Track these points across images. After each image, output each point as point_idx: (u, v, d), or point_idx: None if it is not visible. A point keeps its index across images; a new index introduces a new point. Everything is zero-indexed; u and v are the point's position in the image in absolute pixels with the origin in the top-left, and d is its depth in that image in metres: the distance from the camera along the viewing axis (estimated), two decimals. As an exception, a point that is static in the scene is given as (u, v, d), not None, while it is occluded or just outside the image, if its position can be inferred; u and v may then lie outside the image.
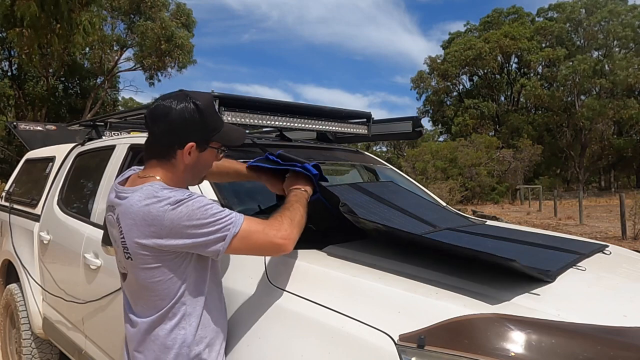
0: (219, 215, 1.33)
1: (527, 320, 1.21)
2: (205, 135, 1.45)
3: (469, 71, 43.67)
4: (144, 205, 1.32)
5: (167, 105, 1.40)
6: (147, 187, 1.36)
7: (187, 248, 1.34)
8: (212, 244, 1.33)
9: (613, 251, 2.09)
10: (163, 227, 1.30)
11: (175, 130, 1.40)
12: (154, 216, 1.30)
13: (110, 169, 2.72)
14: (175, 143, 1.42)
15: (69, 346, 2.81)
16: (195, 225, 1.31)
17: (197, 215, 1.31)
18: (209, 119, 1.45)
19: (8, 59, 25.26)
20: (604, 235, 11.62)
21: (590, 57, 36.08)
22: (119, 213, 1.38)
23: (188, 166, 1.45)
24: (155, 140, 1.45)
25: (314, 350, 1.32)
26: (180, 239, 1.31)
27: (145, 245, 1.33)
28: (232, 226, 1.34)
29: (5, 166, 24.70)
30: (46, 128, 4.77)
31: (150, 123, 1.44)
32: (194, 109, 1.40)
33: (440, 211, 2.48)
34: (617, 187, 42.59)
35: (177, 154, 1.42)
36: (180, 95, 1.43)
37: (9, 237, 3.64)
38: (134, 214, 1.33)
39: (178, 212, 1.30)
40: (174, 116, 1.39)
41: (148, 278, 1.37)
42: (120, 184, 1.48)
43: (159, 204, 1.31)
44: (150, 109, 1.44)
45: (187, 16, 27.42)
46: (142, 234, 1.32)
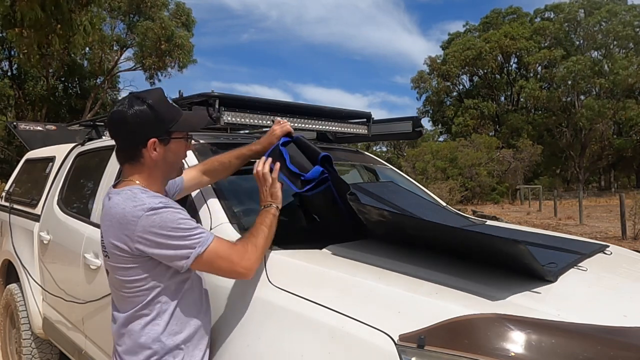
0: (188, 232, 1.39)
1: (527, 320, 1.21)
2: (163, 127, 1.50)
3: (469, 71, 43.68)
4: (121, 208, 1.39)
5: (121, 111, 1.47)
6: (127, 191, 1.44)
7: (154, 256, 1.39)
8: (177, 259, 1.39)
9: (613, 251, 2.09)
10: (134, 232, 1.36)
11: (135, 132, 1.47)
12: (127, 220, 1.37)
13: (110, 169, 2.72)
14: (138, 143, 1.48)
15: (69, 346, 2.81)
16: (164, 235, 1.36)
17: (168, 227, 1.36)
18: (163, 112, 1.50)
19: (8, 59, 25.26)
20: (604, 235, 11.62)
21: (588, 57, 36.07)
22: (103, 214, 1.48)
23: (158, 162, 1.51)
24: (121, 146, 1.53)
25: (314, 350, 1.32)
26: (148, 246, 1.37)
27: (119, 247, 1.40)
28: (198, 245, 1.39)
29: (5, 166, 24.70)
30: (46, 128, 4.76)
31: (112, 131, 1.55)
32: (145, 108, 1.47)
33: (440, 211, 2.49)
34: (617, 187, 42.60)
35: (144, 153, 1.49)
36: (131, 98, 1.50)
37: (9, 237, 3.64)
38: (112, 216, 1.42)
39: (151, 220, 1.36)
40: (129, 120, 1.46)
41: (123, 276, 1.44)
42: (113, 187, 1.55)
43: (135, 208, 1.38)
44: (108, 118, 1.53)
45: (187, 16, 27.43)
46: (116, 235, 1.40)
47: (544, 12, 42.22)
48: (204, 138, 2.37)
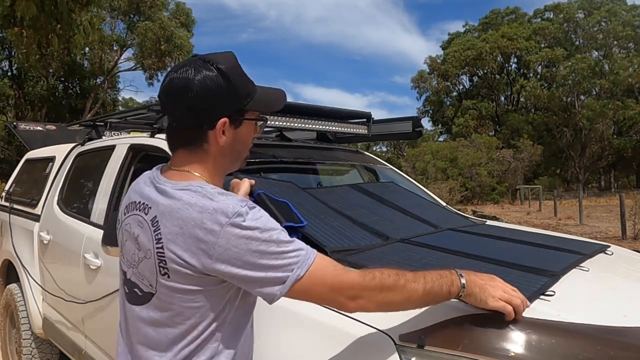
0: (285, 247, 1.03)
1: (527, 320, 1.21)
2: (238, 104, 1.14)
3: (469, 71, 43.70)
4: (197, 211, 1.02)
5: (184, 77, 1.09)
6: (195, 187, 1.07)
7: (236, 280, 1.04)
8: (268, 283, 1.02)
9: (614, 251, 2.09)
10: (216, 246, 1.00)
11: (201, 107, 1.09)
12: (207, 230, 1.00)
13: (110, 169, 2.72)
14: (203, 123, 1.11)
15: (69, 346, 2.81)
16: (255, 252, 1.01)
17: (260, 239, 1.01)
18: (239, 84, 1.13)
19: (8, 58, 25.27)
20: (604, 235, 11.62)
21: (589, 57, 36.10)
22: (158, 214, 1.07)
23: (224, 149, 1.15)
24: (179, 125, 1.13)
25: (314, 351, 1.31)
26: (232, 266, 1.01)
27: (189, 262, 1.02)
28: (297, 266, 1.03)
29: (5, 166, 24.71)
30: (46, 128, 4.76)
31: (167, 103, 1.13)
32: (217, 74, 1.10)
33: (440, 211, 2.48)
34: (617, 187, 42.60)
35: (209, 137, 1.12)
36: (196, 61, 1.11)
37: (9, 237, 3.64)
38: (183, 221, 1.02)
39: (237, 231, 1.00)
40: (196, 89, 1.08)
41: (184, 302, 1.06)
42: (161, 174, 1.17)
43: (216, 213, 1.01)
44: (164, 86, 1.13)
45: (187, 15, 27.46)
46: (188, 247, 1.02)
47: (543, 13, 42.27)
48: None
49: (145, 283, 1.10)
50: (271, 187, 1.95)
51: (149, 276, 1.08)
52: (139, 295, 1.12)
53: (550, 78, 38.52)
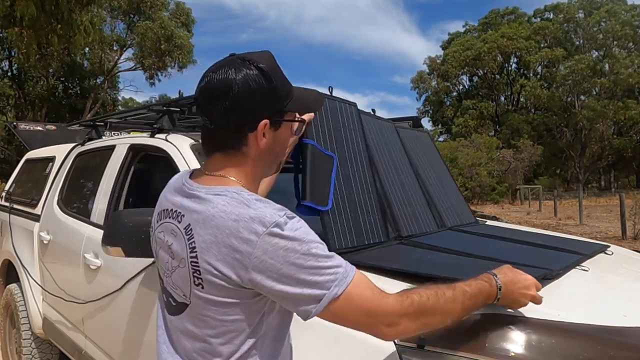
0: (324, 262, 0.97)
1: (527, 320, 1.21)
2: (279, 105, 1.09)
3: (469, 71, 43.72)
4: (232, 219, 0.97)
5: (224, 77, 1.03)
6: (231, 193, 1.01)
7: (271, 294, 0.98)
8: (304, 301, 0.97)
9: (614, 251, 2.09)
10: (251, 257, 0.95)
11: (242, 108, 1.04)
12: (244, 239, 0.95)
13: (110, 169, 2.72)
14: (244, 124, 1.05)
15: (69, 346, 2.81)
16: (293, 265, 0.95)
17: (299, 251, 0.95)
18: (279, 84, 1.08)
19: (8, 58, 25.28)
20: (604, 235, 11.62)
21: (589, 57, 36.14)
22: (191, 222, 1.02)
23: (264, 152, 1.09)
24: (217, 126, 1.06)
25: (316, 351, 1.31)
26: (268, 279, 0.95)
27: (223, 273, 0.97)
28: (335, 284, 0.96)
29: (5, 166, 24.72)
30: (46, 128, 4.76)
31: (205, 104, 1.06)
32: (259, 74, 1.05)
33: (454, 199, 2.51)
34: (617, 187, 42.61)
35: (249, 139, 1.06)
36: (235, 60, 1.06)
37: (9, 237, 3.64)
38: (218, 229, 0.97)
39: (275, 242, 0.95)
40: (237, 89, 1.02)
41: (219, 315, 1.01)
42: (191, 178, 1.12)
43: (252, 223, 0.96)
44: (201, 87, 1.07)
45: (187, 15, 27.47)
46: (222, 257, 0.97)
47: (543, 13, 42.30)
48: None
49: (179, 293, 1.06)
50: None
51: (183, 286, 1.04)
52: (173, 305, 1.09)
53: (550, 78, 38.54)
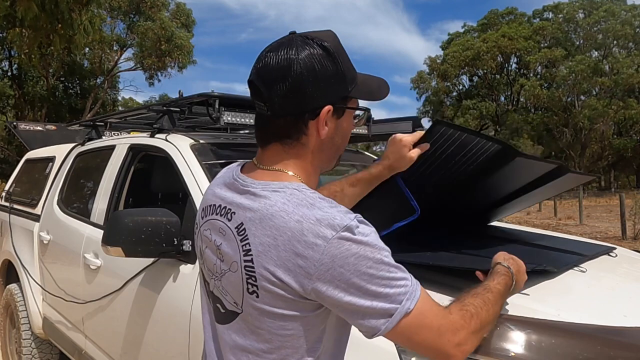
0: (394, 272, 0.86)
1: (527, 320, 1.21)
2: (343, 91, 0.96)
3: (469, 71, 43.75)
4: (295, 220, 0.84)
5: (285, 57, 0.90)
6: (294, 191, 0.89)
7: (337, 306, 0.86)
8: (373, 315, 0.85)
9: (617, 253, 2.07)
10: (317, 264, 0.82)
11: (304, 91, 0.90)
12: (309, 243, 0.83)
13: (110, 169, 2.72)
14: (305, 110, 0.92)
15: (69, 346, 2.81)
16: (363, 275, 0.83)
17: (370, 260, 0.84)
18: (345, 67, 0.95)
19: (8, 58, 25.28)
20: (604, 235, 11.62)
21: (589, 57, 36.16)
22: (245, 220, 0.90)
23: (324, 143, 0.96)
24: (274, 113, 0.92)
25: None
26: (335, 289, 0.83)
27: (283, 281, 0.85)
28: (406, 298, 0.85)
29: (5, 166, 24.73)
30: (46, 128, 4.76)
31: (264, 87, 0.92)
32: (323, 54, 0.91)
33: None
34: (617, 187, 42.62)
35: (309, 128, 0.93)
36: (297, 39, 0.93)
37: (9, 237, 3.64)
38: (278, 230, 0.85)
39: (345, 248, 0.82)
40: (300, 70, 0.89)
41: (275, 328, 0.89)
42: (242, 171, 0.99)
43: (319, 225, 0.83)
44: (258, 68, 0.93)
45: (187, 16, 27.48)
46: (282, 263, 0.84)
47: (542, 13, 42.34)
48: (204, 138, 2.37)
49: (229, 300, 0.93)
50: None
51: (234, 293, 0.92)
52: (222, 313, 0.96)
53: (550, 78, 38.55)
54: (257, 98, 0.95)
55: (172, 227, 1.80)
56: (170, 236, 1.79)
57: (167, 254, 1.83)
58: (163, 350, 1.94)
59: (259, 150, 0.99)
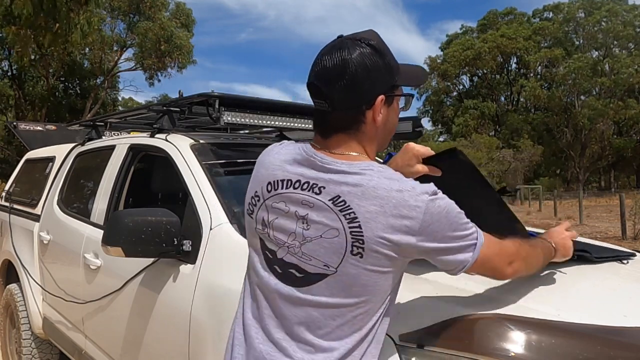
0: (464, 218, 1.08)
1: (527, 320, 1.21)
2: (392, 80, 1.12)
3: (469, 71, 43.76)
4: (396, 190, 1.01)
5: (340, 57, 1.07)
6: (379, 169, 1.06)
7: (435, 253, 1.06)
8: (464, 250, 1.07)
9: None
10: (419, 223, 1.00)
11: (360, 85, 1.07)
12: (411, 206, 1.00)
13: (110, 169, 2.72)
14: (362, 102, 1.08)
15: (69, 346, 2.81)
16: (452, 224, 1.04)
17: (453, 211, 1.05)
18: (390, 59, 1.12)
19: (8, 59, 25.28)
20: (604, 235, 11.62)
21: (589, 56, 36.16)
22: (341, 194, 1.04)
23: (379, 129, 1.13)
24: (337, 107, 1.08)
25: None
26: (434, 240, 1.03)
27: (391, 241, 1.00)
28: (478, 234, 1.09)
29: (5, 166, 24.72)
30: (46, 128, 4.76)
31: (325, 86, 1.08)
32: (372, 52, 1.08)
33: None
34: (617, 187, 42.61)
35: (367, 117, 1.10)
36: (346, 41, 1.09)
37: (9, 237, 3.64)
38: (383, 199, 1.01)
39: (437, 205, 1.02)
40: (355, 67, 1.05)
41: (369, 284, 1.03)
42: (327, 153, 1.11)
43: (414, 191, 1.02)
44: (316, 71, 1.10)
45: (187, 16, 27.46)
46: (390, 226, 1.00)
47: (542, 13, 42.34)
48: (204, 138, 2.37)
49: (314, 263, 1.05)
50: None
51: (327, 256, 1.04)
52: (297, 277, 1.07)
53: (550, 78, 38.56)
54: (317, 97, 1.11)
55: (172, 227, 1.80)
56: (170, 236, 1.79)
57: (167, 254, 1.83)
58: (163, 350, 1.94)
59: (319, 138, 1.13)
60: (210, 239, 1.80)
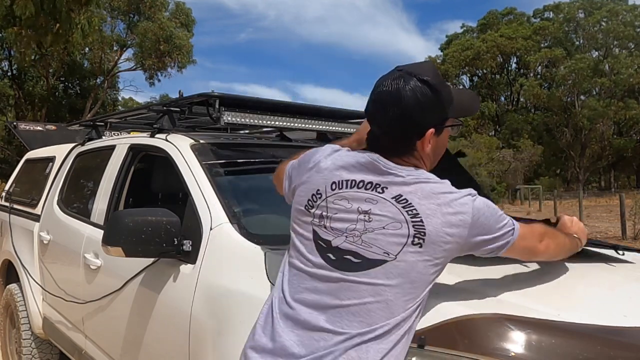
0: (499, 210, 1.25)
1: (527, 320, 1.21)
2: (443, 114, 1.24)
3: (469, 71, 43.77)
4: (447, 192, 1.18)
5: (395, 89, 1.19)
6: (429, 175, 1.23)
7: (484, 243, 1.21)
8: (504, 237, 1.23)
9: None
10: (471, 217, 1.16)
11: (411, 118, 1.19)
12: (462, 204, 1.17)
13: (110, 169, 2.72)
14: (413, 134, 1.21)
15: (69, 346, 2.81)
16: (492, 216, 1.21)
17: (490, 207, 1.21)
18: (444, 95, 1.23)
19: (8, 59, 25.27)
20: (604, 235, 11.62)
21: (589, 57, 36.16)
22: (403, 193, 1.17)
23: (428, 156, 1.26)
24: (388, 135, 1.22)
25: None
26: (483, 233, 1.19)
27: (449, 234, 1.15)
28: (510, 220, 1.26)
29: (5, 166, 24.70)
30: (46, 128, 4.76)
31: (379, 114, 1.22)
32: (426, 87, 1.19)
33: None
34: (617, 187, 42.60)
35: (417, 146, 1.22)
36: (403, 74, 1.21)
37: (9, 237, 3.64)
38: (440, 199, 1.16)
39: (480, 202, 1.19)
40: (407, 101, 1.17)
41: (423, 270, 1.15)
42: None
43: (460, 193, 1.18)
44: (373, 99, 1.24)
45: (187, 15, 27.45)
46: (447, 220, 1.15)
47: (542, 13, 42.34)
48: (204, 138, 2.37)
49: (375, 250, 1.15)
50: None
51: (387, 244, 1.15)
52: (354, 263, 1.16)
53: (550, 78, 38.56)
54: (371, 122, 1.26)
55: (172, 227, 1.80)
56: (170, 236, 1.79)
57: (167, 254, 1.83)
58: (163, 350, 1.94)
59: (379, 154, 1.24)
60: (210, 239, 1.79)
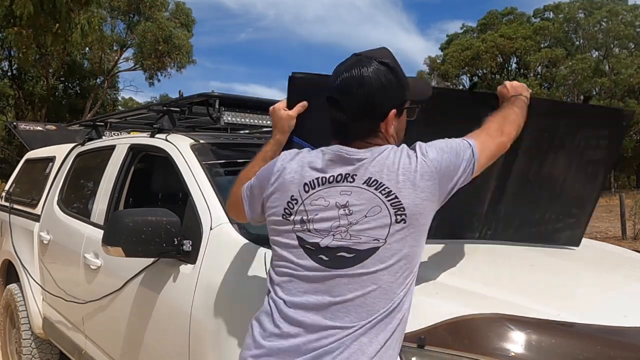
0: (448, 139, 1.27)
1: (527, 320, 1.21)
2: (402, 96, 1.26)
3: (469, 71, 43.76)
4: (406, 156, 1.19)
5: (357, 75, 1.19)
6: (392, 147, 1.23)
7: (458, 181, 1.23)
8: (468, 159, 1.24)
9: (613, 250, 2.07)
10: (435, 174, 1.18)
11: (376, 100, 1.20)
12: (421, 165, 1.17)
13: (110, 169, 2.72)
14: (378, 117, 1.22)
15: (69, 346, 2.81)
16: (449, 150, 1.22)
17: (440, 143, 1.24)
18: (402, 77, 1.25)
19: (8, 58, 25.26)
20: (604, 235, 11.62)
21: (589, 57, 36.18)
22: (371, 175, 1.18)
23: (392, 137, 1.27)
24: (353, 120, 1.22)
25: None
26: (449, 181, 1.21)
27: (424, 198, 1.16)
28: (467, 142, 1.27)
29: (5, 166, 24.69)
30: (46, 128, 4.76)
31: (344, 99, 1.22)
32: (387, 69, 1.21)
33: None
34: (617, 187, 42.59)
35: (381, 129, 1.23)
36: (362, 59, 1.23)
37: (9, 237, 3.64)
38: (404, 168, 1.17)
39: (431, 154, 1.20)
40: (371, 83, 1.19)
41: (414, 245, 1.16)
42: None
43: (414, 158, 1.18)
44: (338, 85, 1.23)
45: (187, 16, 27.42)
46: (418, 187, 1.15)
47: (543, 13, 42.35)
48: (204, 138, 2.37)
49: (365, 240, 1.14)
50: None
51: (375, 231, 1.14)
52: (349, 258, 1.15)
53: (550, 78, 38.58)
54: (335, 109, 1.24)
55: (172, 227, 1.80)
56: (170, 236, 1.79)
57: (167, 254, 1.83)
58: (163, 350, 1.94)
59: (337, 143, 1.24)
60: (210, 239, 1.80)
